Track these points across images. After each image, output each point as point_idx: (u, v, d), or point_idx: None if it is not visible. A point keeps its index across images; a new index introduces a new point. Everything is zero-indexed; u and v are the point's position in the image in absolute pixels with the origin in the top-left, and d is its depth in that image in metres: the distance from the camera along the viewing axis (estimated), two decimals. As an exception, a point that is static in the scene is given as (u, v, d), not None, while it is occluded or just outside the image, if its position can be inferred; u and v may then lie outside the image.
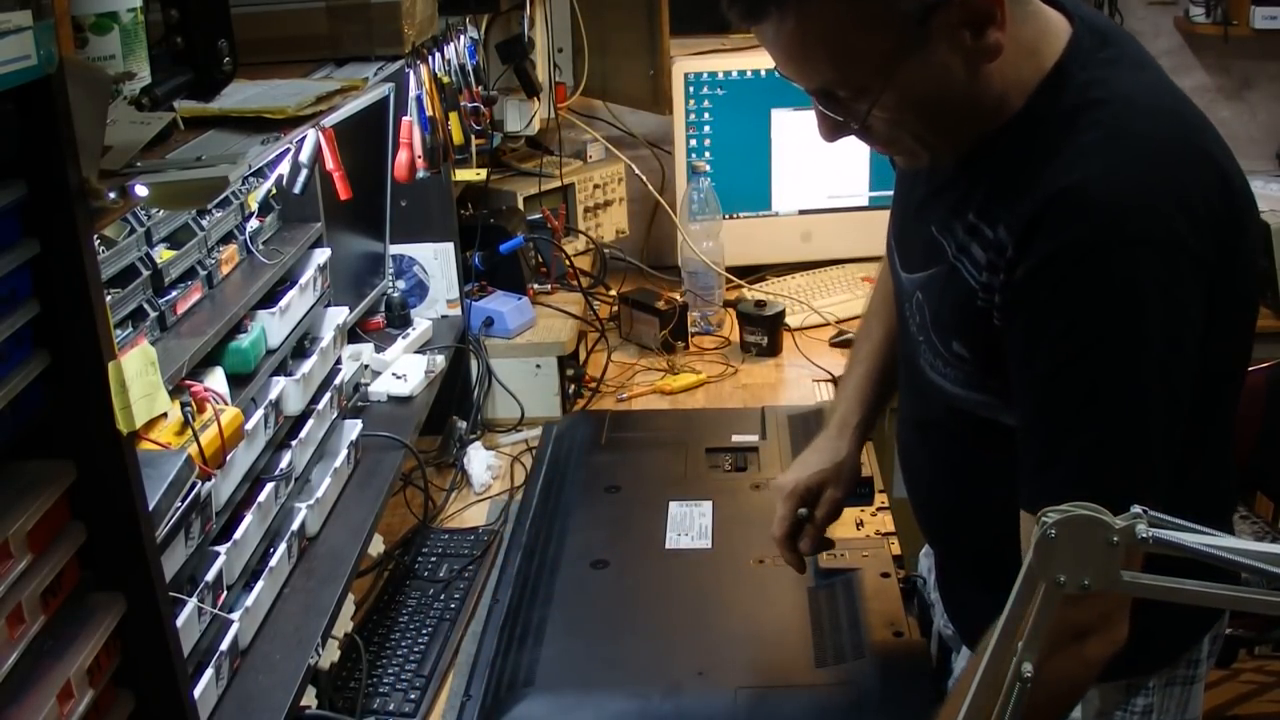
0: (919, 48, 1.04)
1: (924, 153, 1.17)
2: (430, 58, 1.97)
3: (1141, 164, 1.05)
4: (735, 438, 2.10)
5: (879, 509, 1.86)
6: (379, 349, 2.17)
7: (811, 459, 1.52)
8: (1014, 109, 1.12)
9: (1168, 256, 1.03)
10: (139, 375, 0.99)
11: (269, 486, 1.50)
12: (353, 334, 2.15)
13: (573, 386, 2.45)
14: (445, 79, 2.04)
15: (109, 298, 1.23)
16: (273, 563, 1.47)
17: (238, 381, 1.48)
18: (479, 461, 2.20)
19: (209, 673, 1.26)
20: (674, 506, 1.87)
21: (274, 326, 1.58)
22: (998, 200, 1.12)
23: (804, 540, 1.50)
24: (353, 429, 1.83)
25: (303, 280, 1.70)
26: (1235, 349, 1.18)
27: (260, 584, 1.43)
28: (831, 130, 1.15)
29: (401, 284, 2.39)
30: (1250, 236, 1.12)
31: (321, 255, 1.80)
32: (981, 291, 1.13)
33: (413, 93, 1.97)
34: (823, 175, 2.95)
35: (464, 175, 2.44)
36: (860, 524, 1.82)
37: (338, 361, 1.84)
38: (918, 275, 1.26)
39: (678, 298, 2.64)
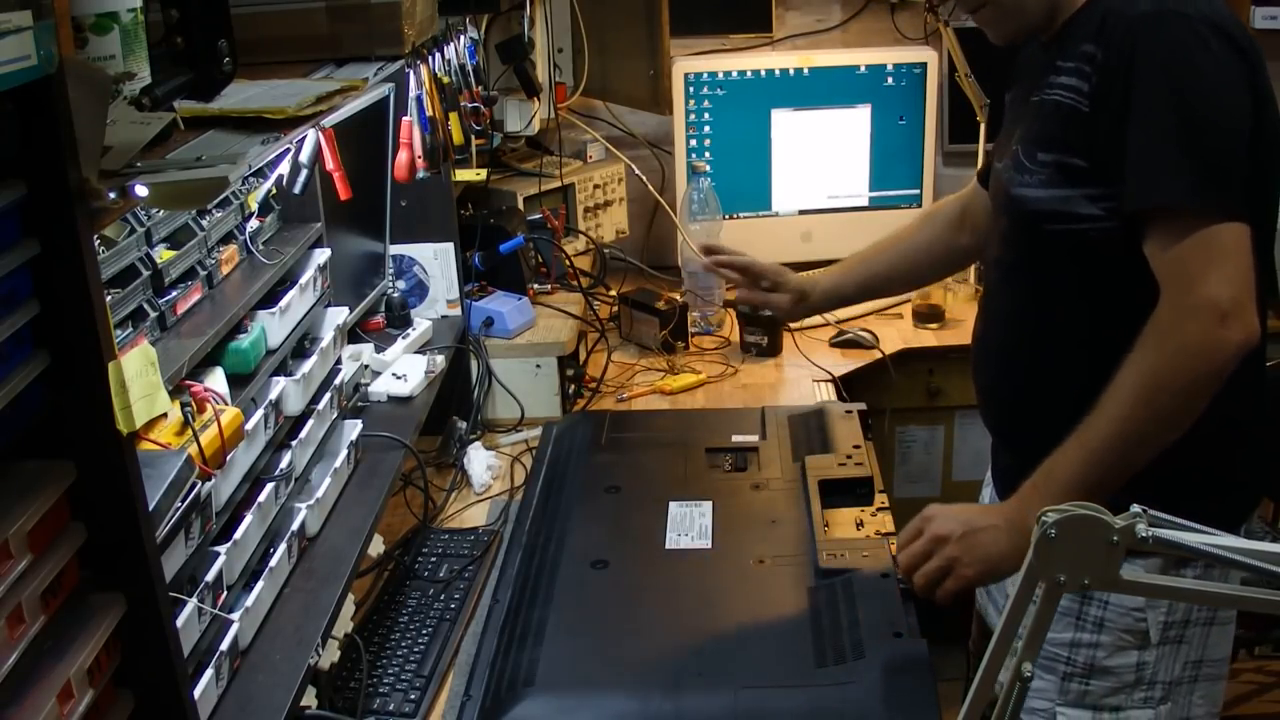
0: None
1: (1008, 17, 1.51)
2: (430, 58, 1.97)
3: None
4: (735, 438, 2.10)
5: (879, 509, 1.86)
6: (379, 349, 2.17)
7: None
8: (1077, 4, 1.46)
9: (1206, 26, 1.34)
10: (139, 375, 0.99)
11: (269, 486, 1.50)
12: (353, 334, 2.15)
13: (573, 386, 2.45)
14: (445, 79, 2.05)
15: (109, 298, 1.23)
16: (273, 563, 1.47)
17: (238, 381, 1.48)
18: (479, 461, 2.20)
19: (209, 673, 1.26)
20: (674, 506, 1.87)
21: (274, 326, 1.58)
22: (1076, 38, 1.44)
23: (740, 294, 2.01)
24: (353, 429, 1.83)
25: (303, 280, 1.70)
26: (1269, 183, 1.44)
27: (260, 584, 1.43)
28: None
29: (401, 284, 2.39)
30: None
31: (321, 255, 1.80)
32: (1075, 96, 1.41)
33: (413, 93, 1.97)
34: (823, 175, 2.96)
35: (464, 175, 2.45)
36: (860, 524, 1.82)
37: (338, 361, 1.84)
38: (1015, 138, 1.55)
39: (678, 298, 2.64)
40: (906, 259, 1.95)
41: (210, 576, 1.29)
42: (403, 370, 2.13)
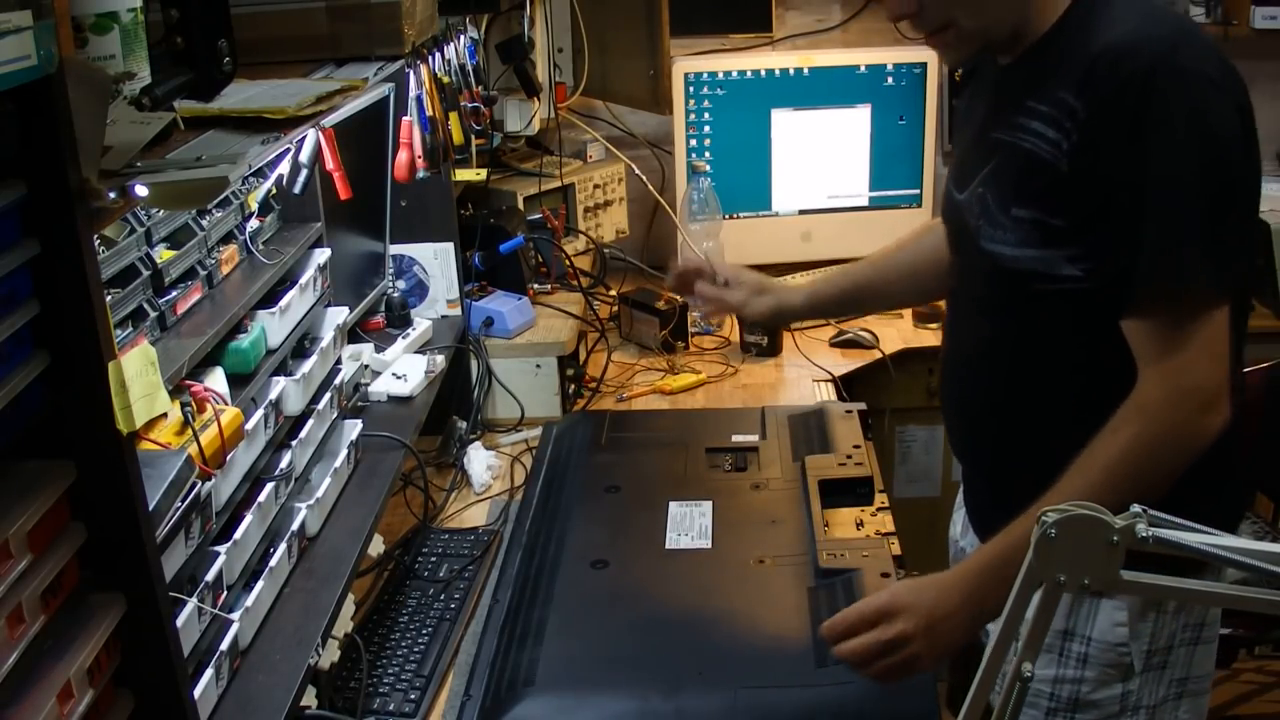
0: None
1: (968, 41, 1.40)
2: (430, 58, 1.97)
3: (1169, 25, 1.32)
4: (735, 438, 2.10)
5: (879, 509, 1.86)
6: (379, 349, 2.17)
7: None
8: (1054, 17, 1.36)
9: (1209, 86, 1.29)
10: (139, 375, 0.99)
11: (269, 486, 1.50)
12: (353, 334, 2.15)
13: (573, 386, 2.45)
14: (445, 79, 2.05)
15: (109, 298, 1.23)
16: (273, 563, 1.47)
17: (238, 381, 1.47)
18: (479, 461, 2.20)
19: (209, 673, 1.26)
20: (674, 506, 1.87)
21: (274, 326, 1.58)
22: (1050, 80, 1.34)
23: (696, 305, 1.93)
24: (353, 429, 1.83)
25: (303, 280, 1.70)
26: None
27: (260, 584, 1.43)
28: (897, 5, 1.38)
29: (401, 284, 2.39)
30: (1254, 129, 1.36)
31: (321, 255, 1.80)
32: (1050, 148, 1.33)
33: (413, 93, 1.97)
34: (823, 175, 2.96)
35: (464, 175, 2.44)
36: (860, 524, 1.82)
37: (338, 361, 1.84)
38: (978, 177, 1.46)
39: (678, 298, 2.64)
40: (892, 275, 1.85)
41: (210, 576, 1.29)
42: (403, 370, 2.13)
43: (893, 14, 1.38)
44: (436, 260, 2.38)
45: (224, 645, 1.30)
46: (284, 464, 1.55)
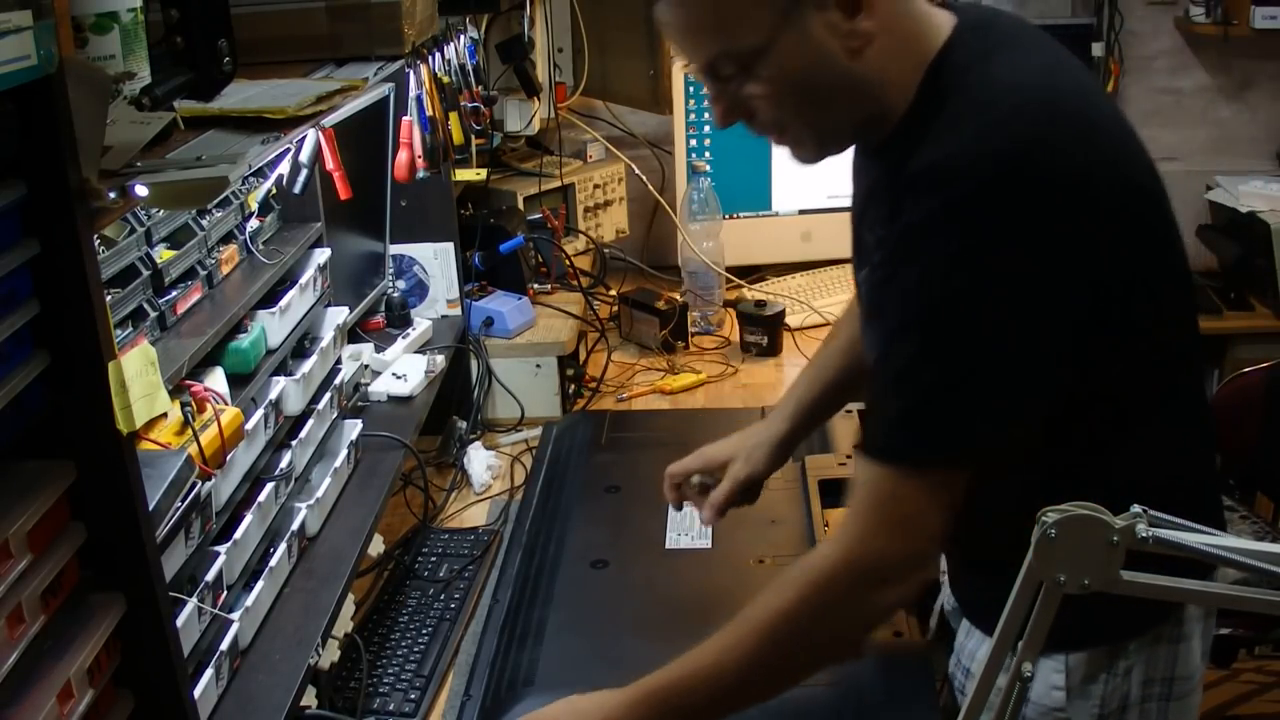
0: (795, 23, 1.11)
1: (808, 141, 1.24)
2: (430, 58, 1.97)
3: (997, 139, 1.08)
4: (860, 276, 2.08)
5: (879, 509, 1.86)
6: (379, 349, 2.17)
7: (737, 436, 1.62)
8: (904, 104, 1.17)
9: (1013, 228, 1.07)
10: (139, 375, 0.99)
11: (269, 486, 1.50)
12: (353, 334, 2.15)
13: (573, 386, 2.45)
14: (445, 79, 2.05)
15: (109, 298, 1.23)
16: (273, 563, 1.47)
17: (238, 381, 1.47)
18: (479, 461, 2.20)
19: (209, 673, 1.26)
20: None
21: (274, 326, 1.58)
22: (888, 188, 1.18)
23: (705, 506, 1.60)
24: (353, 429, 1.83)
25: (303, 280, 1.70)
26: (1167, 314, 1.23)
27: (260, 584, 1.43)
28: (724, 113, 1.21)
29: (401, 284, 2.39)
30: (1156, 205, 1.19)
31: (321, 255, 1.80)
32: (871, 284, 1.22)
33: (413, 93, 1.97)
34: (823, 175, 2.95)
35: (464, 175, 2.44)
36: (860, 524, 1.82)
37: (338, 361, 1.84)
38: (860, 270, 1.34)
39: (678, 298, 2.64)
40: (840, 373, 1.61)
41: (210, 576, 1.29)
42: (403, 370, 2.13)
43: (721, 122, 1.24)
44: (436, 260, 2.38)
45: (224, 645, 1.30)
46: (284, 464, 1.55)
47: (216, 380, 1.42)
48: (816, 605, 1.19)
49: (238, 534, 1.39)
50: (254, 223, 1.67)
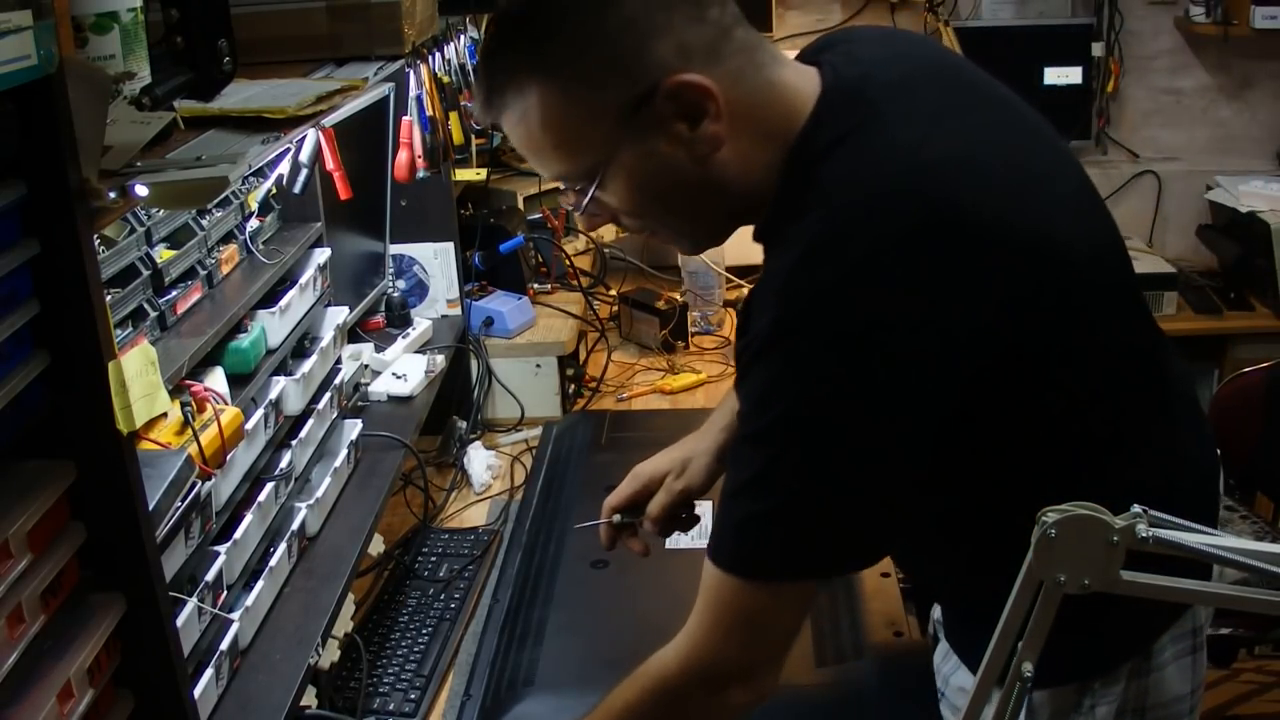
0: (637, 138, 1.05)
1: (680, 240, 1.20)
2: (430, 57, 1.97)
3: (833, 256, 1.00)
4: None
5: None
6: (379, 349, 2.17)
7: (671, 450, 1.51)
8: (772, 190, 1.09)
9: (848, 351, 0.99)
10: (139, 375, 0.99)
11: (269, 486, 1.50)
12: (353, 334, 2.15)
13: (573, 386, 2.45)
14: (445, 79, 2.05)
15: (109, 298, 1.23)
16: (273, 562, 1.47)
17: (238, 381, 1.47)
18: (479, 461, 2.20)
19: (209, 673, 1.26)
20: (674, 506, 1.87)
21: (274, 326, 1.58)
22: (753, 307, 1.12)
23: (645, 519, 1.49)
24: (353, 429, 1.83)
25: (303, 280, 1.70)
26: (1077, 385, 1.09)
27: (260, 584, 1.43)
28: (587, 221, 1.16)
29: (401, 284, 2.39)
30: (1057, 265, 1.05)
31: (321, 255, 1.80)
32: None
33: (413, 92, 1.97)
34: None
35: (464, 175, 2.44)
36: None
37: (338, 361, 1.84)
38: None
39: (678, 297, 2.64)
40: None
41: (210, 576, 1.29)
42: (403, 370, 2.13)
43: (586, 226, 1.20)
44: (436, 260, 2.38)
45: (224, 645, 1.30)
46: (284, 464, 1.55)
47: (216, 380, 1.42)
48: (660, 706, 1.18)
49: (238, 534, 1.39)
50: (254, 223, 1.67)
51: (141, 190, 0.97)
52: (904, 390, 1.01)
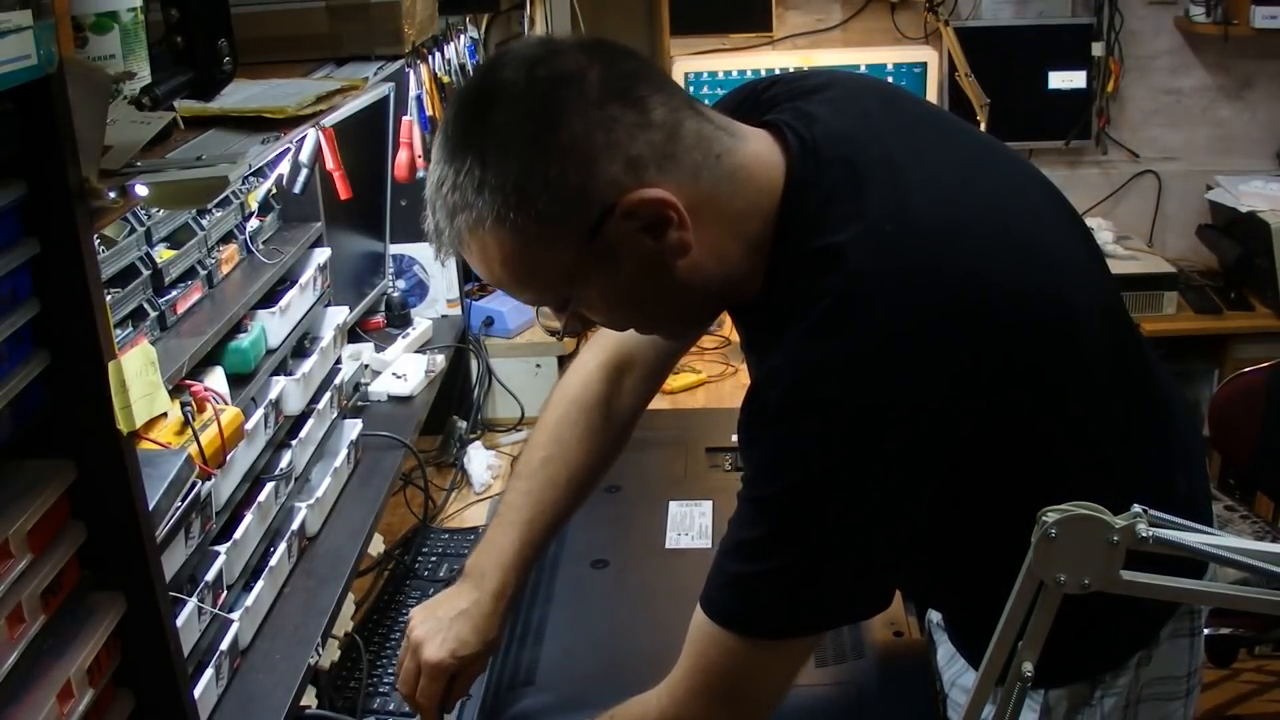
0: (602, 261, 1.03)
1: (665, 332, 1.19)
2: (430, 57, 1.97)
3: (861, 324, 1.00)
4: (735, 437, 2.10)
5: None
6: (379, 349, 2.17)
7: (465, 631, 1.35)
8: (756, 267, 1.08)
9: (865, 424, 0.99)
10: (139, 375, 0.99)
11: (269, 486, 1.50)
12: (353, 333, 2.15)
13: (573, 386, 2.44)
14: (445, 78, 2.05)
15: (109, 297, 1.23)
16: (273, 562, 1.47)
17: (238, 381, 1.47)
18: (479, 461, 2.20)
19: (209, 672, 1.26)
20: (674, 506, 1.87)
21: (274, 326, 1.58)
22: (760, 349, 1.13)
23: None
24: (353, 429, 1.83)
25: (303, 280, 1.70)
26: (1075, 418, 1.10)
27: (260, 584, 1.43)
28: (569, 331, 1.15)
29: (402, 283, 2.39)
30: (1056, 334, 1.05)
31: (321, 255, 1.80)
32: None
33: (413, 92, 1.97)
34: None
35: (464, 175, 2.44)
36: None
37: (338, 361, 1.84)
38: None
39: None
40: (576, 486, 1.45)
41: (210, 576, 1.29)
42: (403, 370, 2.13)
43: (568, 334, 1.17)
44: (436, 260, 2.37)
45: (224, 645, 1.30)
46: (284, 464, 1.55)
47: (216, 380, 1.42)
48: None
49: (238, 534, 1.39)
50: (254, 222, 1.67)
51: (141, 190, 0.97)
52: (917, 463, 1.02)
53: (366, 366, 2.09)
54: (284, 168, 1.66)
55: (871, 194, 1.03)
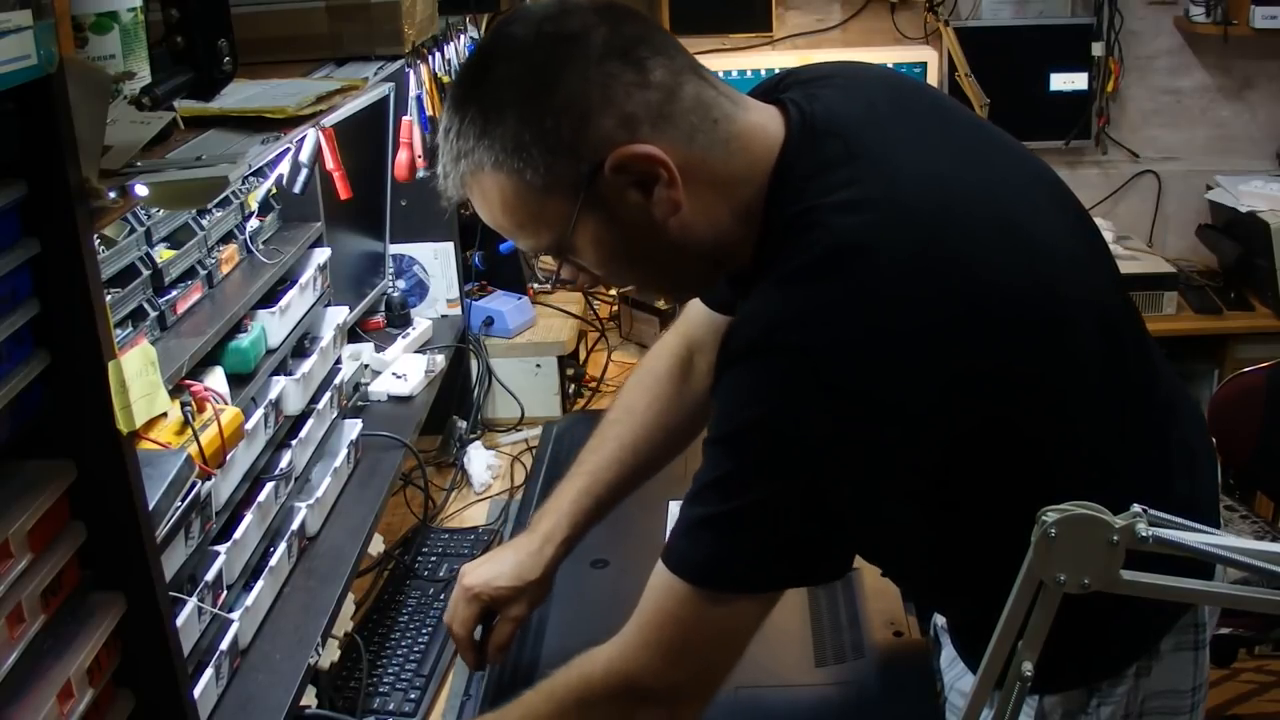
0: (595, 211, 1.06)
1: (661, 294, 1.22)
2: (430, 57, 1.97)
3: (842, 274, 1.01)
4: None
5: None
6: (379, 349, 2.17)
7: (507, 565, 1.46)
8: (750, 233, 1.10)
9: (835, 368, 1.00)
10: (139, 375, 0.99)
11: (269, 486, 1.50)
12: (353, 333, 2.15)
13: (573, 386, 2.45)
14: (445, 79, 2.05)
15: (109, 297, 1.23)
16: (273, 562, 1.47)
17: (238, 381, 1.47)
18: (479, 461, 2.20)
19: (209, 672, 1.26)
20: (674, 506, 1.87)
21: (274, 326, 1.58)
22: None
23: (491, 650, 1.47)
24: (353, 428, 1.83)
25: (303, 280, 1.70)
26: (1056, 431, 1.10)
27: (260, 584, 1.43)
28: (571, 282, 1.19)
29: (401, 283, 2.39)
30: (1038, 320, 1.05)
31: (321, 255, 1.80)
32: None
33: (413, 92, 1.97)
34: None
35: (464, 175, 2.44)
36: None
37: (338, 361, 1.84)
38: None
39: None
40: (641, 450, 1.50)
41: (210, 576, 1.29)
42: (403, 370, 2.13)
43: (574, 287, 1.23)
44: (436, 260, 2.38)
45: (224, 645, 1.30)
46: (284, 463, 1.55)
47: (216, 380, 1.42)
48: (579, 706, 1.18)
49: (238, 534, 1.39)
50: (254, 222, 1.67)
51: (141, 190, 0.97)
52: (879, 418, 1.01)
53: (366, 366, 2.09)
54: (284, 168, 1.65)
55: (862, 168, 1.05)
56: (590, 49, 1.03)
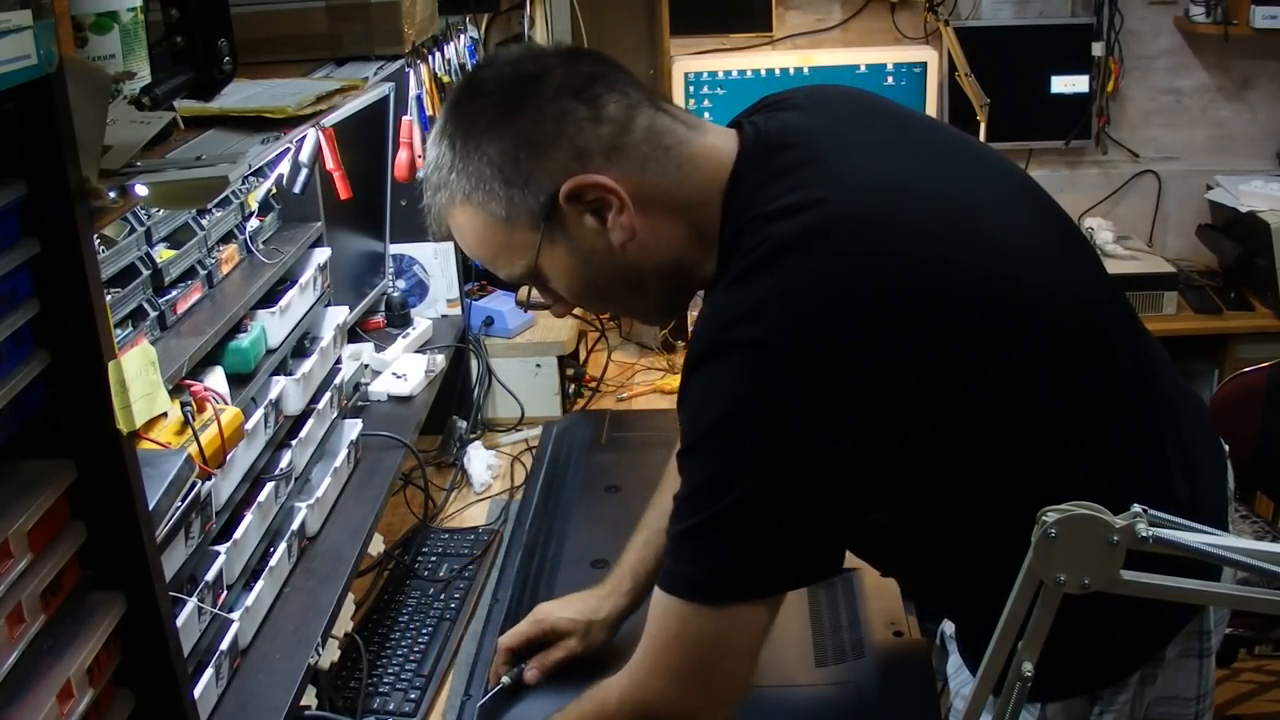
0: (557, 240, 1.14)
1: (642, 316, 1.29)
2: (430, 57, 1.97)
3: (792, 269, 1.04)
4: None
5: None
6: (379, 348, 2.17)
7: (575, 603, 1.55)
8: (714, 249, 1.15)
9: (769, 364, 1.02)
10: (139, 375, 0.99)
11: (269, 486, 1.50)
12: (353, 333, 2.15)
13: (573, 386, 2.45)
14: (445, 79, 2.05)
15: (109, 297, 1.23)
16: (273, 562, 1.47)
17: (238, 381, 1.47)
18: (479, 461, 2.20)
19: (209, 672, 1.26)
20: (674, 506, 1.87)
21: (274, 326, 1.58)
22: None
23: (528, 670, 1.52)
24: (353, 428, 1.82)
25: (303, 280, 1.70)
26: (1026, 419, 1.10)
27: (260, 584, 1.43)
28: (553, 310, 1.25)
29: (402, 283, 2.39)
30: (992, 300, 1.07)
31: (321, 255, 1.80)
32: None
33: (413, 92, 1.97)
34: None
35: (464, 175, 2.44)
36: (860, 524, 1.82)
37: (338, 361, 1.84)
38: None
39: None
40: None
41: (210, 576, 1.29)
42: (403, 370, 2.13)
43: (556, 315, 1.27)
44: (436, 260, 2.38)
45: (224, 645, 1.30)
46: (284, 464, 1.55)
47: (216, 380, 1.42)
48: None
49: (238, 534, 1.39)
50: (254, 222, 1.67)
51: (141, 190, 0.97)
52: (838, 409, 1.02)
53: (366, 366, 2.09)
54: (284, 168, 1.65)
55: (811, 172, 1.09)
56: (546, 88, 1.12)
